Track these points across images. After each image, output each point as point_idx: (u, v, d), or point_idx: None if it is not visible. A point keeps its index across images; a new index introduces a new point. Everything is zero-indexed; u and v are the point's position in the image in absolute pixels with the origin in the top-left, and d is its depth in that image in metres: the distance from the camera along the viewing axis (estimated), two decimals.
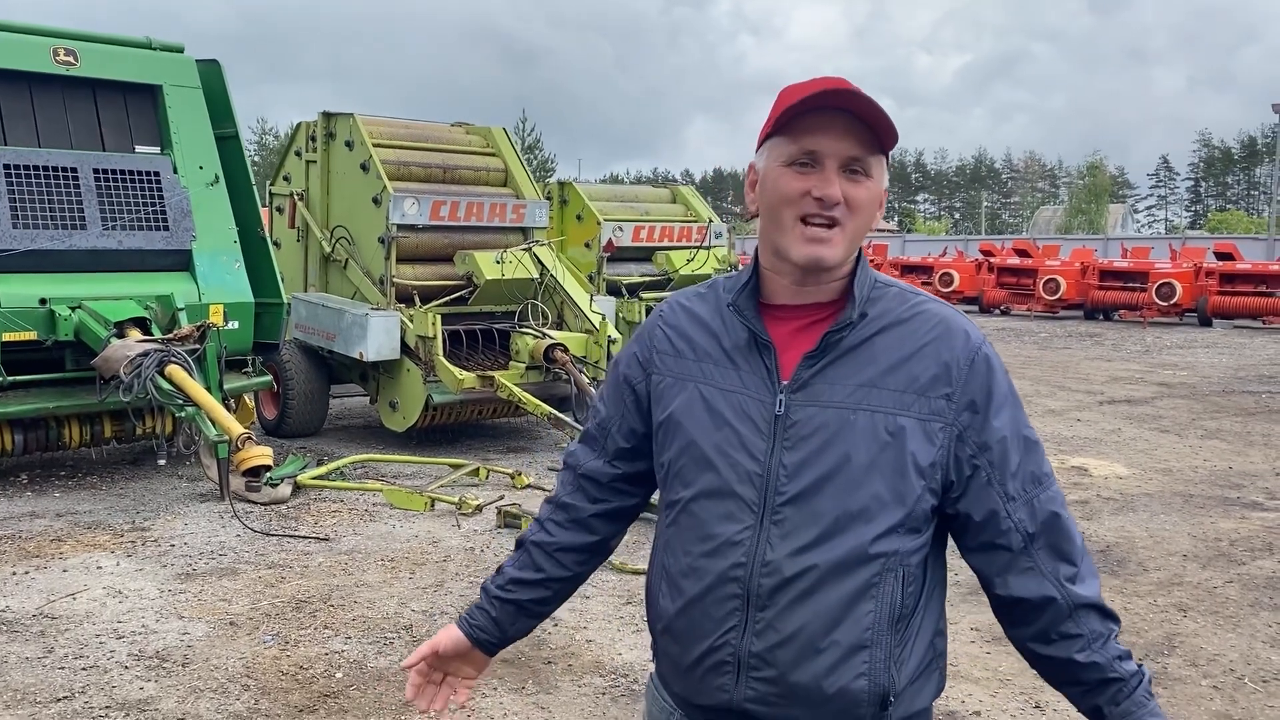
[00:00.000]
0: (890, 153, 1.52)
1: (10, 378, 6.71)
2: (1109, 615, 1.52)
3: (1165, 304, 22.46)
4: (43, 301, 6.79)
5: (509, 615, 1.74)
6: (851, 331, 1.50)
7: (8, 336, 6.65)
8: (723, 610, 1.49)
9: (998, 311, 26.27)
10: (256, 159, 52.11)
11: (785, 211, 1.49)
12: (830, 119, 1.45)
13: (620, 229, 10.98)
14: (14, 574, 5.23)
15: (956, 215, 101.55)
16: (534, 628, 1.79)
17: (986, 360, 1.51)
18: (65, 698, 3.86)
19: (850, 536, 1.44)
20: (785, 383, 1.50)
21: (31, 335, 6.74)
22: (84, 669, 4.12)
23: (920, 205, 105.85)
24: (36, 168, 7.01)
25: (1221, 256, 23.55)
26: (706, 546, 1.51)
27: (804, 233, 1.48)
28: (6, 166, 6.89)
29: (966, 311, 26.21)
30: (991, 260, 27.06)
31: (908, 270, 27.66)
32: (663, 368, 1.62)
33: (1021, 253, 27.10)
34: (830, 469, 1.46)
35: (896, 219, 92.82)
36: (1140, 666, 1.52)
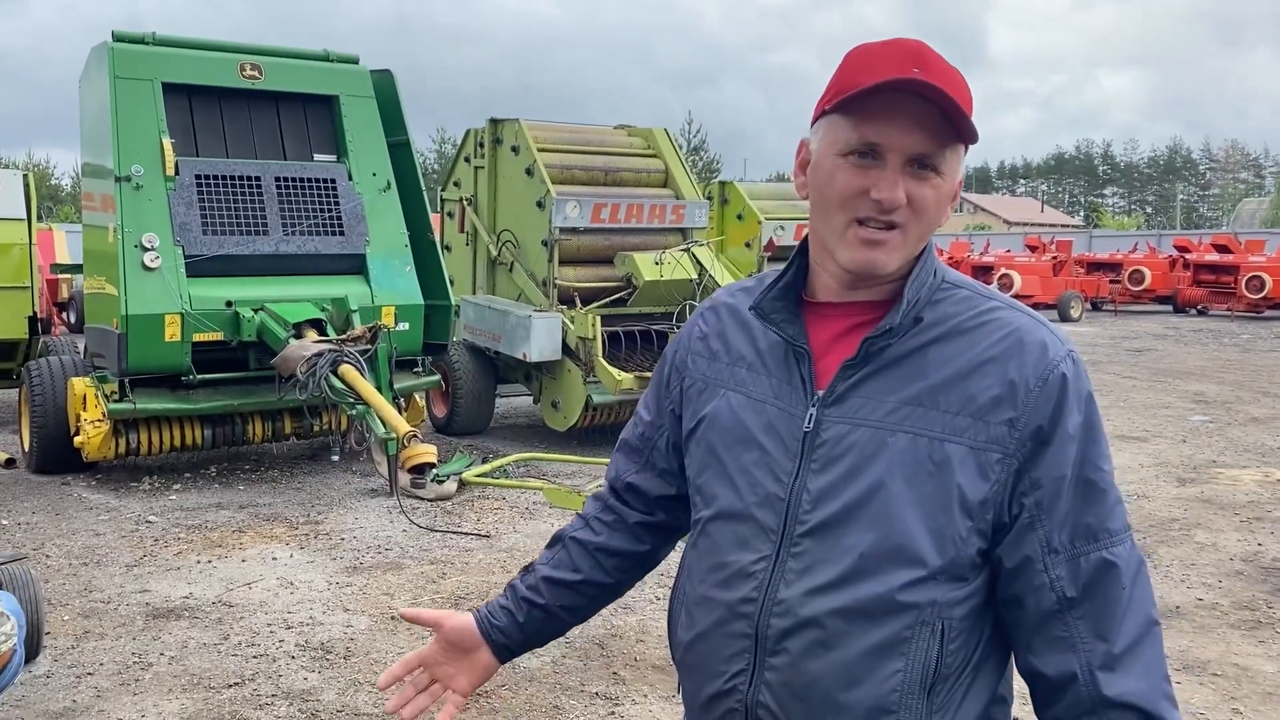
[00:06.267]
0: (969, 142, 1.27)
1: (200, 375, 7.13)
2: None
3: None
4: (229, 304, 7.18)
5: (535, 621, 1.56)
6: (899, 339, 1.28)
7: (198, 337, 7.06)
8: (731, 649, 1.31)
9: (1194, 311, 24.62)
10: (435, 167, 54.11)
11: (837, 211, 1.28)
12: (898, 103, 1.22)
13: (782, 228, 10.75)
14: (198, 562, 5.53)
15: (1148, 209, 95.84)
16: (556, 637, 1.61)
17: (1063, 381, 1.24)
18: (236, 684, 4.03)
19: (877, 580, 1.23)
20: (820, 394, 1.30)
21: (218, 335, 7.14)
22: (255, 657, 4.30)
23: (1108, 199, 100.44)
24: (224, 177, 7.42)
25: None
26: (720, 575, 1.33)
27: (857, 235, 1.26)
28: (198, 176, 7.32)
29: (1159, 311, 24.86)
30: (1187, 257, 25.34)
31: (1094, 268, 26.24)
32: (694, 371, 1.45)
33: (1221, 248, 25.24)
34: (859, 498, 1.24)
35: (1082, 213, 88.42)
36: None
